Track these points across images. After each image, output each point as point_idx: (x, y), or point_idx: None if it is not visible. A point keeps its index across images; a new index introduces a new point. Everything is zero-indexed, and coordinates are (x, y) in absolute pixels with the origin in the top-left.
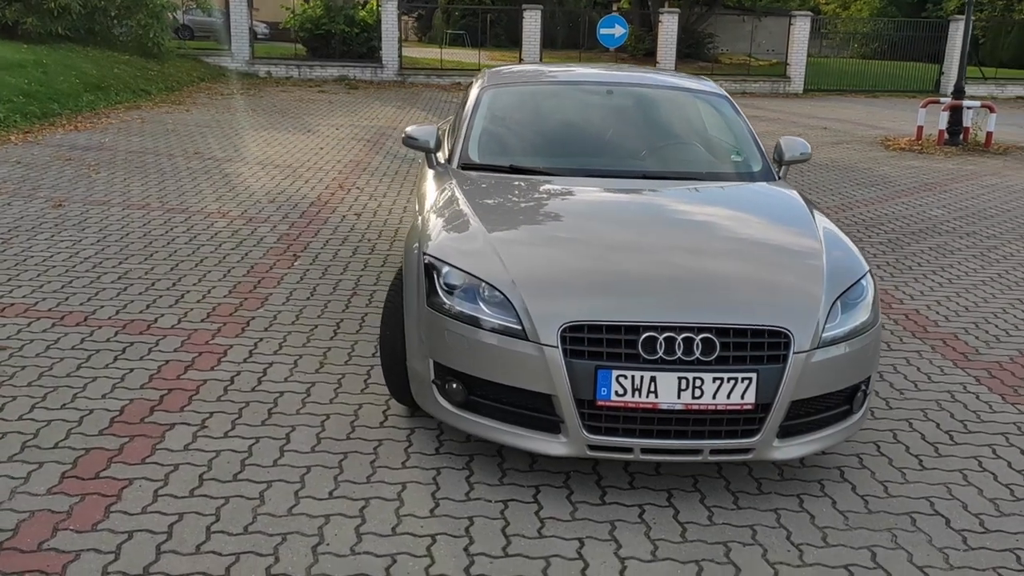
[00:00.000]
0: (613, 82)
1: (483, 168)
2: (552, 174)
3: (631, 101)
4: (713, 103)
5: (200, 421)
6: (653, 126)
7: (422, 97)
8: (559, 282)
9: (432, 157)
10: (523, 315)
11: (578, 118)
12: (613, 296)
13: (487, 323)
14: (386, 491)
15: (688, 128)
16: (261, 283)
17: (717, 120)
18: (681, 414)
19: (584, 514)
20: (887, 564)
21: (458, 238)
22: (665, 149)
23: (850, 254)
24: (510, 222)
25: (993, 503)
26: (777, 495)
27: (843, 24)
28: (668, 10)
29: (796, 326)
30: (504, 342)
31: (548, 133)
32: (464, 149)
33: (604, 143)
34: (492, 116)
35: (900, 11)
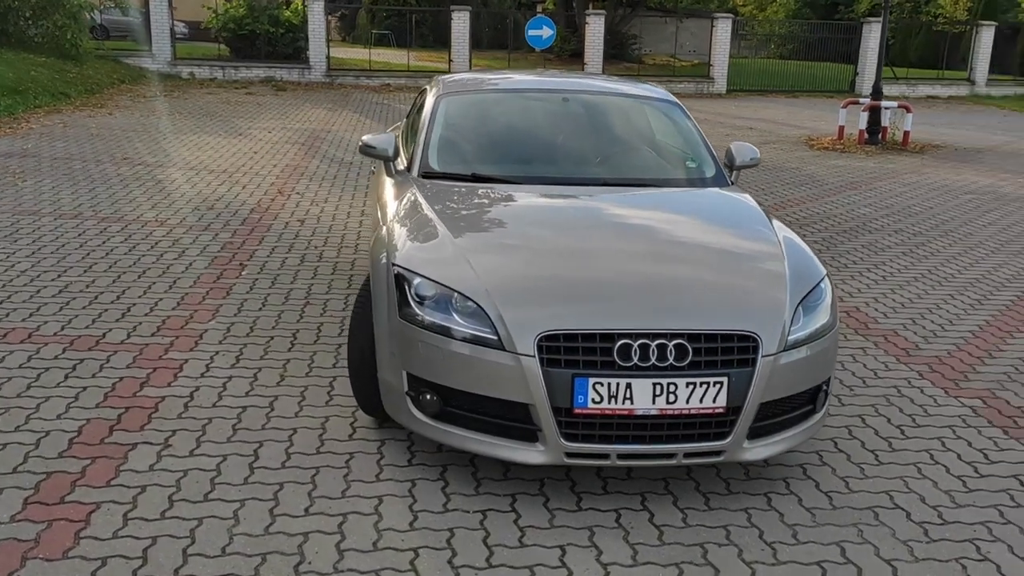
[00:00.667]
0: (568, 90)
1: (444, 176)
2: (514, 182)
3: (587, 109)
4: (665, 110)
5: (163, 440)
6: (609, 134)
7: (352, 99)
8: (532, 291)
9: (391, 165)
10: (499, 325)
11: (536, 126)
12: (587, 304)
13: (462, 333)
14: (363, 505)
15: (643, 135)
16: (209, 294)
17: (670, 126)
18: (656, 419)
19: (562, 521)
20: (857, 559)
21: (427, 248)
22: (622, 156)
23: (808, 259)
24: (478, 231)
25: (948, 495)
26: (745, 495)
27: (760, 26)
28: (595, 12)
29: (764, 330)
30: (480, 352)
31: (507, 141)
32: (424, 157)
33: (563, 151)
34: (450, 124)
35: (814, 13)
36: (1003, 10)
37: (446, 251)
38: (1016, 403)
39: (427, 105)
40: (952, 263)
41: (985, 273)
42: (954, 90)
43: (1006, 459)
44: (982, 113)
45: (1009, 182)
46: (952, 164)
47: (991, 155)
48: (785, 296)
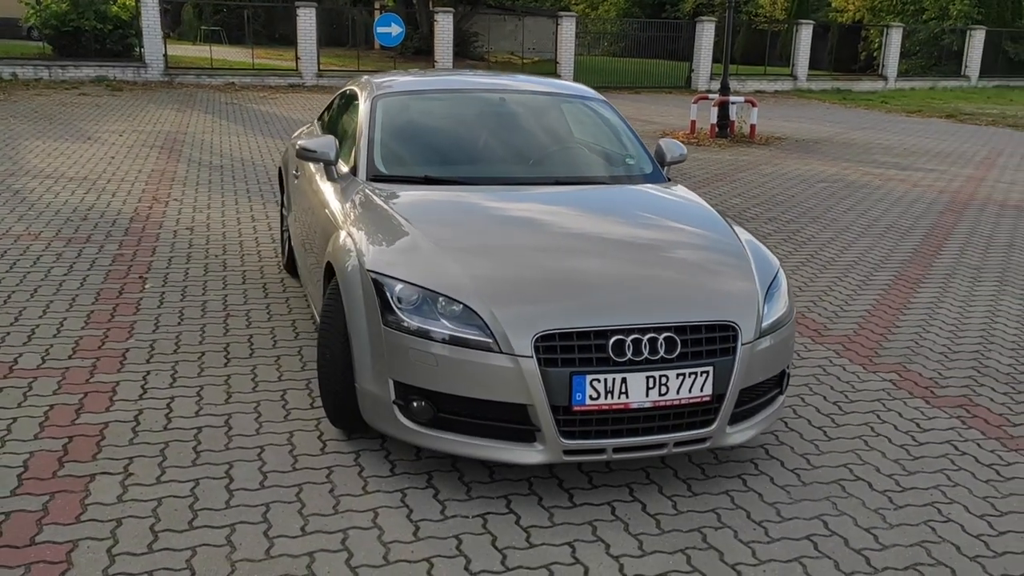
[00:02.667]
0: (502, 89)
1: (394, 180)
2: (467, 183)
3: (523, 108)
4: (597, 108)
5: (122, 468)
6: (550, 133)
7: (198, 99)
8: (521, 291)
9: (332, 169)
10: (493, 327)
11: (478, 126)
12: (577, 302)
13: (454, 337)
14: (360, 520)
15: (583, 133)
16: (117, 310)
17: (605, 124)
18: (649, 411)
19: (562, 518)
20: (840, 530)
21: (401, 252)
22: (567, 155)
23: (763, 251)
24: (450, 233)
25: (897, 463)
26: (722, 478)
27: (592, 24)
28: (442, 9)
29: (742, 319)
30: (475, 356)
31: (453, 143)
32: (371, 161)
33: (510, 151)
34: (391, 127)
35: (643, 12)
36: (813, 9)
37: (422, 254)
38: (927, 375)
39: (361, 107)
40: (828, 248)
41: (859, 256)
42: (779, 85)
43: (936, 427)
44: (807, 106)
45: (852, 170)
46: (798, 155)
47: (828, 145)
48: (756, 286)
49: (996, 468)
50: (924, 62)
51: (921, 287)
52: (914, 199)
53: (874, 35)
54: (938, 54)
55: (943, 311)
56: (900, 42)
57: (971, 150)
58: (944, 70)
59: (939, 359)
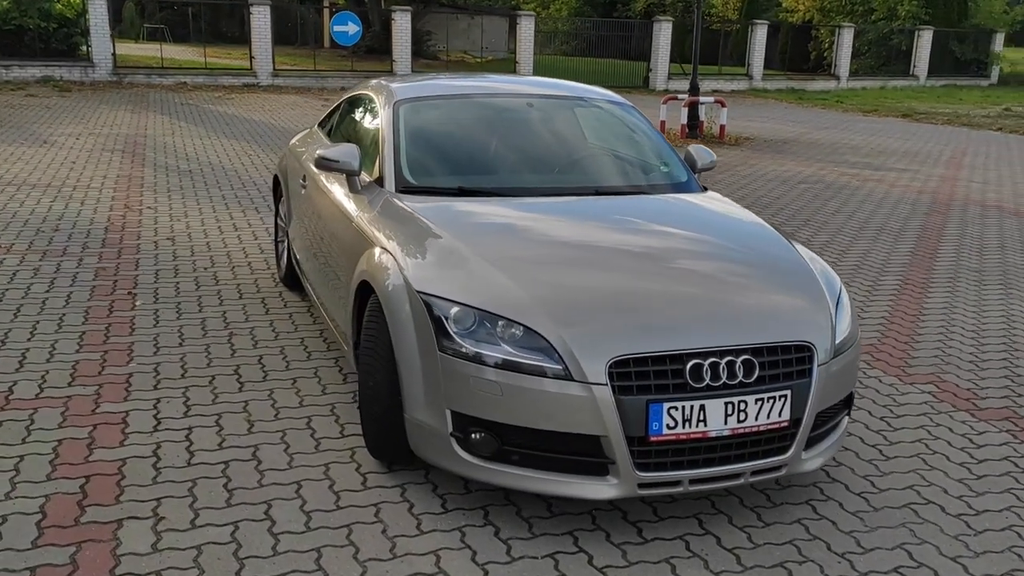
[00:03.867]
0: (528, 94)
1: (426, 191)
2: (503, 194)
3: (549, 113)
4: (625, 113)
5: (151, 512)
6: (581, 138)
7: (151, 100)
8: (588, 312)
9: (356, 180)
10: (564, 353)
11: (506, 133)
12: (649, 325)
13: (522, 365)
14: (422, 564)
15: (616, 140)
16: (111, 331)
17: (632, 129)
18: (727, 439)
19: (637, 556)
20: (926, 560)
21: (451, 271)
22: (601, 162)
23: (826, 267)
24: (500, 249)
25: (963, 483)
26: (789, 504)
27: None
28: (400, 8)
29: (817, 339)
30: (544, 384)
31: (482, 150)
32: (398, 171)
33: (542, 159)
34: (415, 134)
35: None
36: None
37: (474, 273)
38: (964, 386)
39: (382, 113)
40: (827, 252)
41: (860, 260)
42: (735, 85)
43: (989, 442)
44: (766, 106)
45: (828, 171)
46: (771, 155)
47: (796, 145)
48: (827, 303)
49: None
50: (874, 62)
51: (930, 292)
52: (897, 200)
53: (824, 35)
54: (887, 54)
55: (958, 317)
56: (852, 42)
57: (935, 149)
58: (893, 70)
59: (971, 368)
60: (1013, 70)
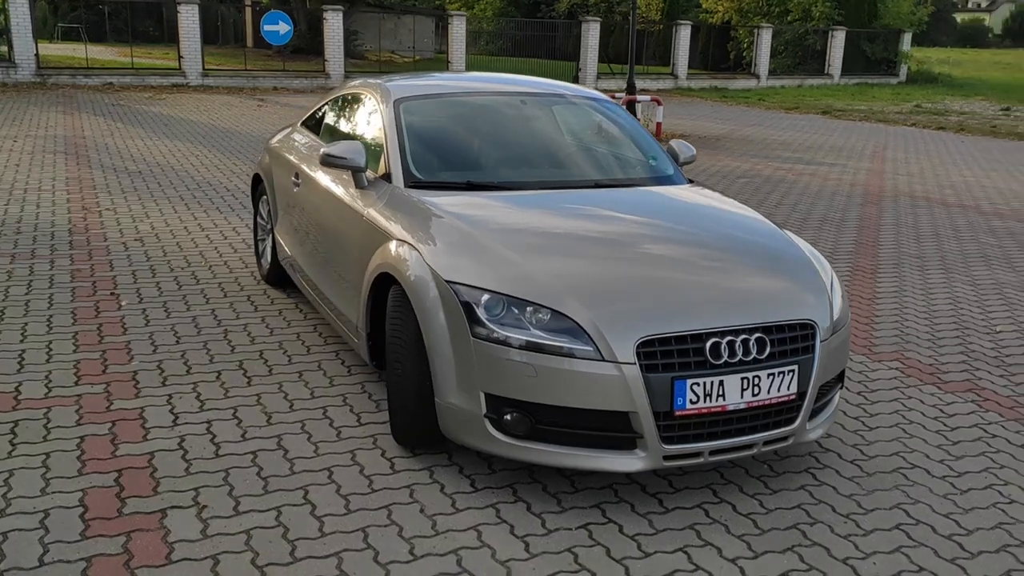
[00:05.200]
0: (515, 91)
1: (433, 186)
2: (509, 188)
3: (543, 110)
4: (609, 109)
5: (192, 501)
6: (575, 134)
7: (79, 101)
8: (612, 296)
9: (363, 176)
10: (594, 335)
11: (505, 129)
12: (671, 306)
13: (554, 347)
14: (466, 539)
15: (612, 136)
16: (103, 330)
17: (620, 125)
18: (742, 412)
19: (664, 524)
20: (924, 518)
21: (476, 260)
22: (596, 156)
23: (815, 251)
24: (520, 239)
25: (941, 449)
26: (791, 473)
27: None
28: (332, 7)
29: (818, 317)
30: (577, 365)
31: (484, 146)
32: (405, 167)
33: (542, 153)
34: (418, 131)
35: (518, 11)
36: (683, 10)
37: (499, 261)
38: (926, 362)
39: (383, 111)
40: None
41: None
42: (662, 84)
43: (958, 411)
44: (693, 104)
45: (763, 166)
46: (706, 152)
47: (729, 142)
48: (825, 286)
49: None
50: (790, 61)
51: (880, 278)
52: (832, 192)
53: (743, 35)
54: (803, 54)
55: (909, 300)
56: (770, 42)
57: (858, 145)
58: (809, 69)
59: (929, 346)
60: (920, 68)
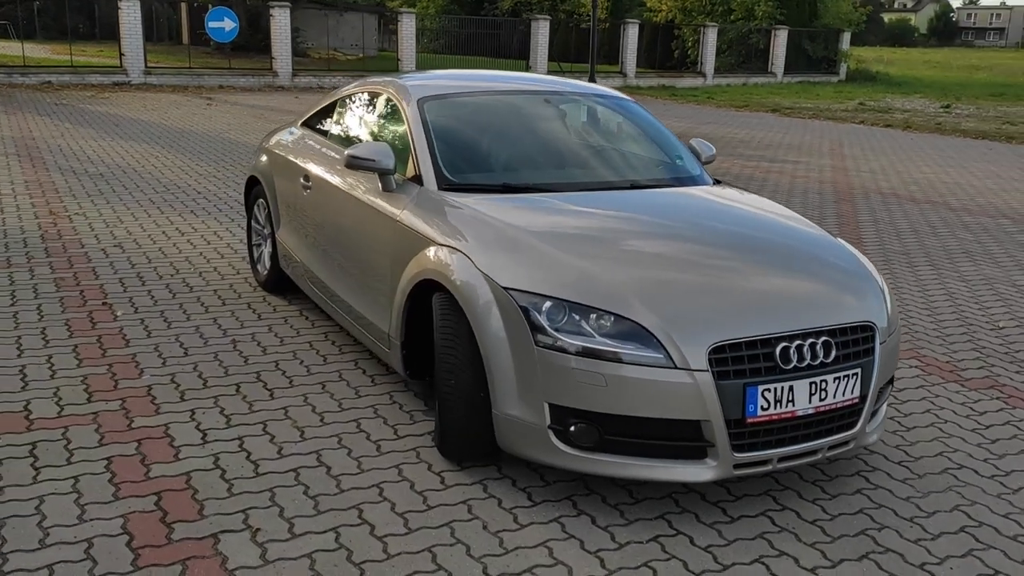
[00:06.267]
0: (537, 91)
1: (467, 189)
2: (546, 190)
3: (569, 110)
4: (632, 108)
5: (243, 524)
6: (602, 134)
7: (19, 100)
8: (679, 301)
9: (391, 179)
10: (666, 342)
11: (532, 129)
12: (738, 311)
13: (626, 355)
14: (537, 557)
15: (636, 135)
16: (104, 343)
17: (644, 125)
18: (810, 418)
19: (734, 535)
20: (986, 520)
21: (533, 266)
22: (626, 157)
23: (858, 252)
24: (573, 243)
25: (982, 448)
26: (843, 476)
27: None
28: (279, 4)
29: (877, 318)
30: (648, 373)
31: (516, 147)
32: (437, 169)
33: (572, 154)
34: (445, 132)
35: (462, 9)
36: (626, 9)
37: (556, 266)
38: (943, 359)
39: (407, 111)
40: None
41: None
42: (611, 82)
43: (988, 408)
44: (643, 102)
45: (729, 163)
46: None
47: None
48: (879, 287)
49: None
50: (734, 60)
51: None
52: (804, 190)
53: (688, 34)
54: (746, 52)
55: (908, 297)
56: (716, 41)
57: (814, 142)
58: (753, 67)
59: (941, 343)
60: (859, 67)
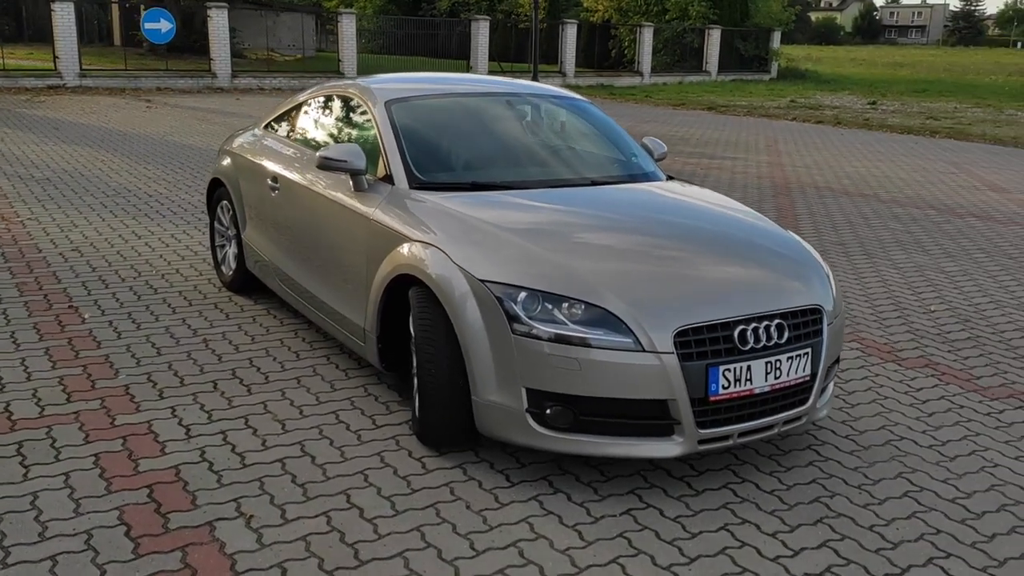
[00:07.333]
0: (499, 92)
1: (437, 187)
2: (512, 187)
3: (528, 111)
4: (587, 108)
5: (236, 512)
6: (563, 134)
7: None
8: (644, 288)
9: (362, 180)
10: (634, 327)
11: (496, 130)
12: (700, 297)
13: (595, 340)
14: (519, 532)
15: (593, 135)
16: (75, 344)
17: (600, 124)
18: (766, 395)
19: (700, 505)
20: (928, 485)
21: (507, 259)
22: (586, 155)
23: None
24: (542, 237)
25: (920, 421)
26: (796, 451)
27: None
28: (216, 4)
29: (825, 302)
30: (619, 357)
31: (480, 147)
32: (408, 169)
33: (535, 153)
34: (413, 133)
35: (399, 9)
36: (562, 9)
37: (528, 258)
38: (880, 341)
39: (374, 113)
40: None
41: None
42: (550, 81)
43: (924, 385)
44: None
45: (672, 160)
46: None
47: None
48: (825, 272)
49: (994, 416)
50: (670, 59)
51: None
52: (744, 185)
53: (624, 33)
54: (681, 51)
55: (845, 284)
56: (652, 40)
57: (751, 139)
58: (687, 66)
59: (878, 326)
60: (789, 65)
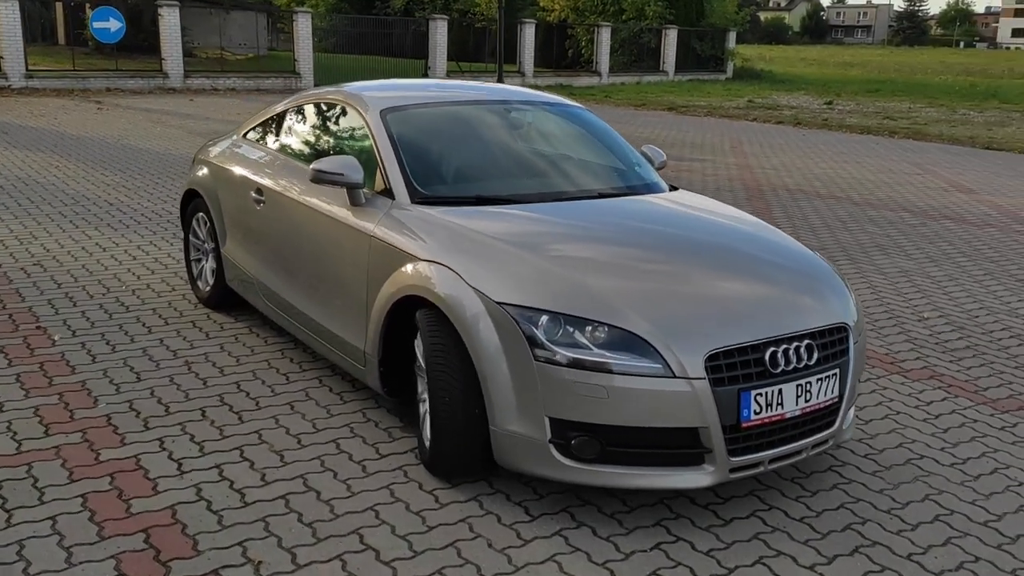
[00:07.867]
0: (496, 100)
1: (440, 201)
2: (519, 201)
3: (531, 120)
4: (587, 117)
5: (243, 558)
6: (565, 144)
7: None
8: (672, 310)
9: (359, 194)
10: (664, 351)
11: (497, 140)
12: (729, 318)
13: (626, 367)
14: (548, 572)
15: (594, 144)
16: (47, 369)
17: (601, 134)
18: (796, 419)
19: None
20: (956, 507)
21: (525, 279)
22: (590, 166)
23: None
24: (561, 255)
25: (936, 437)
26: (817, 473)
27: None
28: (168, 3)
29: (849, 320)
30: (648, 383)
31: (482, 158)
32: (408, 182)
33: (538, 164)
34: (411, 144)
35: (352, 7)
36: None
37: (550, 279)
38: (881, 351)
39: (369, 122)
40: None
41: None
42: (510, 81)
43: (934, 399)
44: None
45: None
46: None
47: None
48: (847, 290)
49: (1009, 431)
50: (627, 59)
51: None
52: (716, 188)
53: (581, 33)
54: (639, 51)
55: None
56: (609, 40)
57: (715, 140)
58: (645, 66)
59: (876, 335)
60: (744, 65)
